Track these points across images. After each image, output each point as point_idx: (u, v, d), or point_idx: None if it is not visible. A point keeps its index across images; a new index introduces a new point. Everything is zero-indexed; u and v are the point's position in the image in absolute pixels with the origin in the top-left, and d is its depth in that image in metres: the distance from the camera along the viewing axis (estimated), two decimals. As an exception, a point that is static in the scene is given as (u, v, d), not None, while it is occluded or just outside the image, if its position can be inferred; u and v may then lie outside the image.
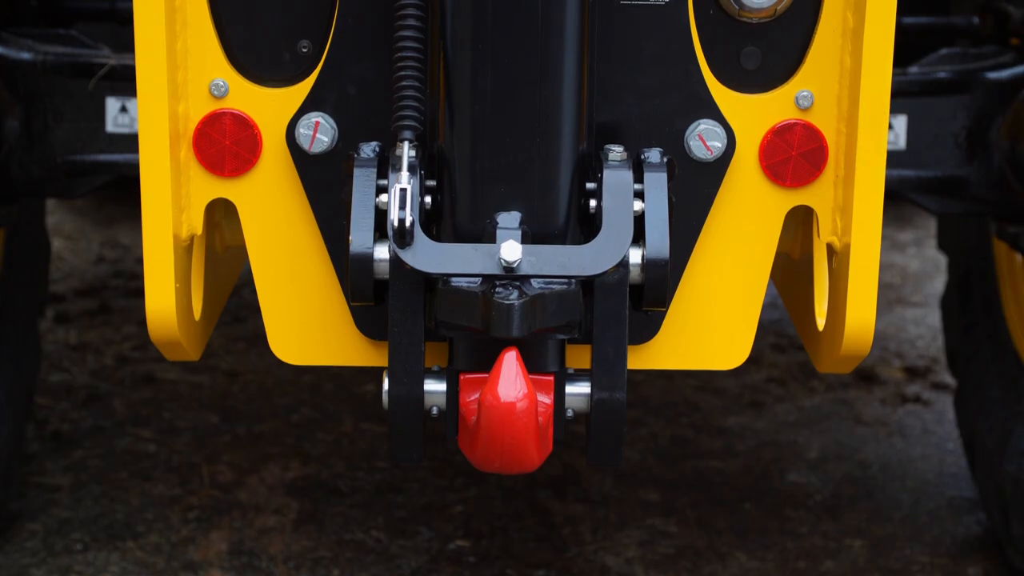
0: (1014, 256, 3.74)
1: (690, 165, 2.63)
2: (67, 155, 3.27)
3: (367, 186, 2.49)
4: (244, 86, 2.62)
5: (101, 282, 5.44)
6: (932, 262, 5.86)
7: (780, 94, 2.63)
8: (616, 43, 2.59)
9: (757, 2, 2.56)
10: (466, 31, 2.45)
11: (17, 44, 3.27)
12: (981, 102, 3.31)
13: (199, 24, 2.59)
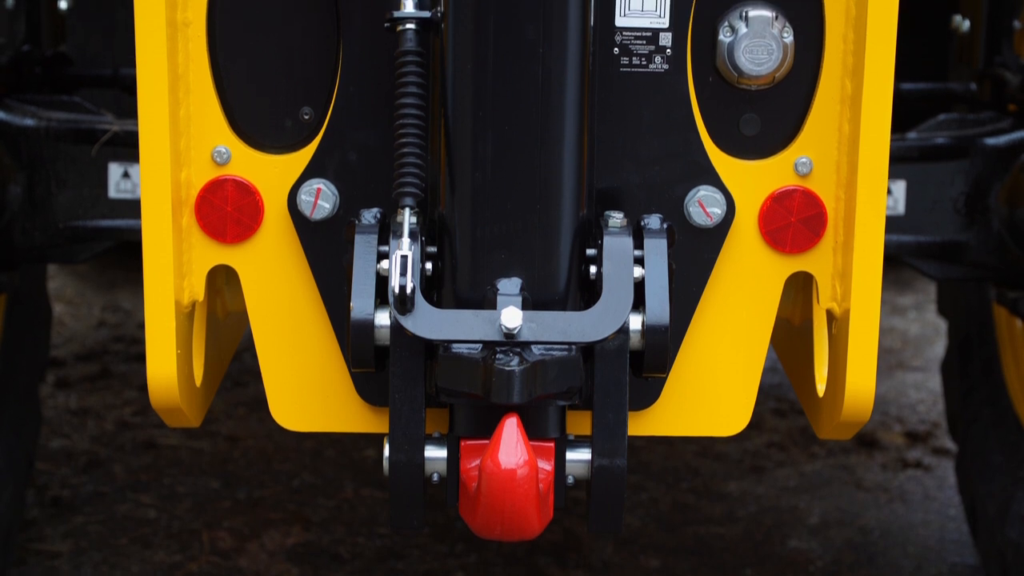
0: (1014, 321, 3.74)
1: (690, 231, 2.64)
2: (69, 221, 3.28)
3: (368, 252, 2.50)
4: (246, 153, 2.64)
5: (102, 347, 5.45)
6: (932, 326, 5.87)
7: (779, 160, 2.64)
8: (616, 110, 2.61)
9: (756, 70, 2.58)
10: (467, 99, 2.46)
11: (21, 111, 3.29)
12: (980, 168, 3.33)
13: (202, 91, 2.61)
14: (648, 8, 2.58)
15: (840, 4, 2.57)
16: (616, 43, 2.59)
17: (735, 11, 2.58)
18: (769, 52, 2.57)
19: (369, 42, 2.59)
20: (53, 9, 3.63)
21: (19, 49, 3.51)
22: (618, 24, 2.58)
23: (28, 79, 3.57)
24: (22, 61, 3.52)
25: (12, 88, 3.45)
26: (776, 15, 2.57)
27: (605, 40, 2.58)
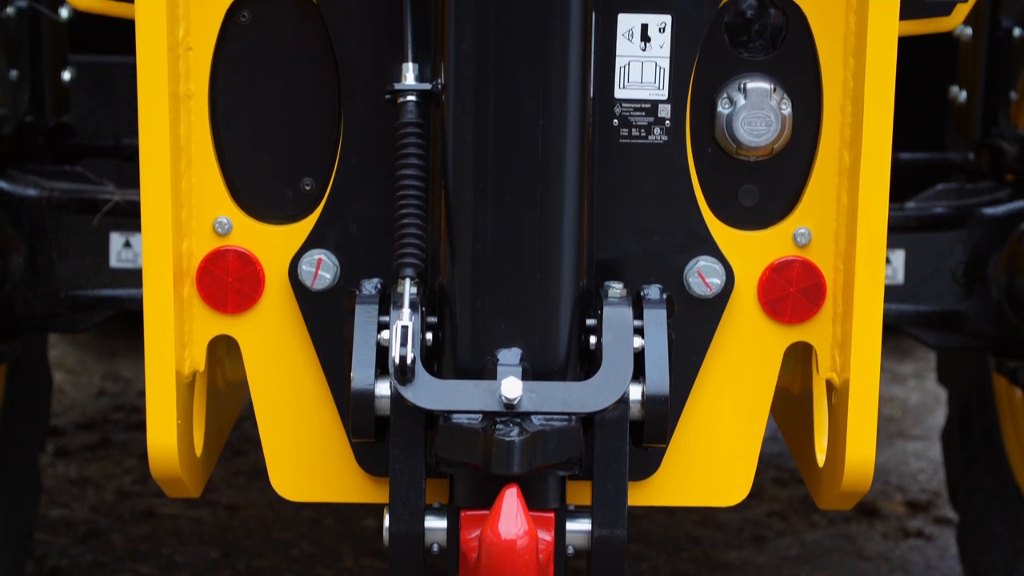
0: (1014, 391, 3.74)
1: (689, 301, 2.65)
2: (71, 290, 3.29)
3: (368, 323, 2.51)
4: (247, 223, 2.65)
5: (102, 415, 5.44)
6: (932, 395, 5.86)
7: (778, 231, 2.65)
8: (615, 180, 2.62)
9: (754, 141, 2.60)
10: (467, 170, 2.48)
11: (24, 181, 3.31)
12: (978, 237, 3.34)
13: (203, 162, 2.63)
14: (647, 80, 2.60)
15: (838, 76, 2.59)
16: (615, 114, 2.60)
17: (733, 83, 2.60)
18: (767, 124, 2.59)
19: (370, 113, 2.60)
20: (56, 80, 3.65)
21: (22, 120, 3.53)
22: (617, 96, 2.59)
23: (31, 149, 3.59)
24: (25, 131, 3.54)
25: (15, 158, 3.47)
26: (774, 87, 2.59)
27: (605, 111, 2.60)
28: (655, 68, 2.59)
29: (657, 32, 2.58)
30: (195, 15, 2.58)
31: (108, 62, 4.05)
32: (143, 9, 2.48)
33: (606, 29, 2.56)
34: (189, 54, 2.58)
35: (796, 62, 2.60)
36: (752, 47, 2.61)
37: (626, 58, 2.59)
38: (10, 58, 3.46)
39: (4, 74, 3.44)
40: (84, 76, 3.95)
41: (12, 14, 3.46)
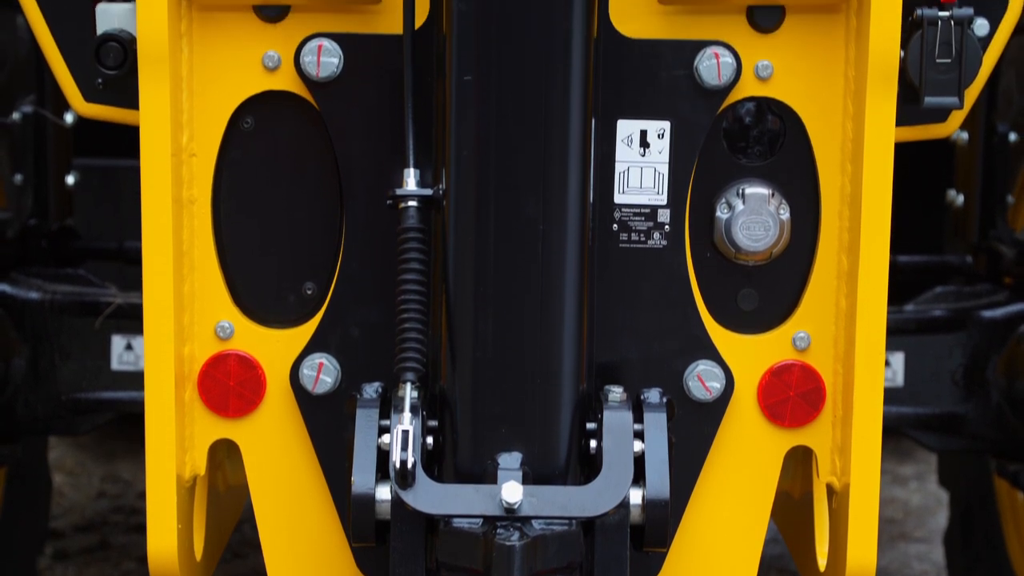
0: (1015, 493, 3.74)
1: (689, 405, 2.65)
2: (72, 393, 3.30)
3: (369, 427, 2.52)
4: (249, 327, 2.66)
5: (101, 518, 5.42)
6: (934, 496, 5.85)
7: (777, 335, 2.66)
8: (615, 285, 2.64)
9: (753, 246, 2.61)
10: (467, 274, 2.49)
11: (27, 284, 3.33)
12: (977, 340, 3.35)
13: (206, 267, 2.64)
14: (647, 185, 2.62)
15: (835, 182, 2.61)
16: (615, 219, 2.63)
17: (732, 188, 2.62)
18: (766, 228, 2.61)
19: (372, 218, 2.63)
20: (61, 184, 3.68)
21: (26, 223, 3.56)
22: (617, 201, 2.62)
23: (34, 252, 3.62)
24: (29, 235, 3.57)
25: (18, 261, 3.49)
26: (772, 192, 2.61)
27: (604, 216, 2.62)
28: (654, 173, 2.62)
29: (656, 138, 2.61)
30: (199, 122, 2.61)
31: (112, 165, 4.09)
32: (148, 116, 2.51)
33: (606, 135, 2.59)
34: (193, 160, 2.61)
35: (794, 168, 2.63)
36: (750, 153, 2.64)
37: (625, 163, 2.61)
38: (15, 162, 3.49)
39: (8, 178, 3.47)
40: (88, 178, 3.99)
41: (18, 119, 3.50)
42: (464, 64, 2.43)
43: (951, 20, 2.51)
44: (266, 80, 2.61)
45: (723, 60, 2.57)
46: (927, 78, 2.51)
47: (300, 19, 2.58)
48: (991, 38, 2.62)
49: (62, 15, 2.61)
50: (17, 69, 3.56)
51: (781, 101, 2.61)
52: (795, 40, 2.58)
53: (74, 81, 2.63)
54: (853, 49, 2.57)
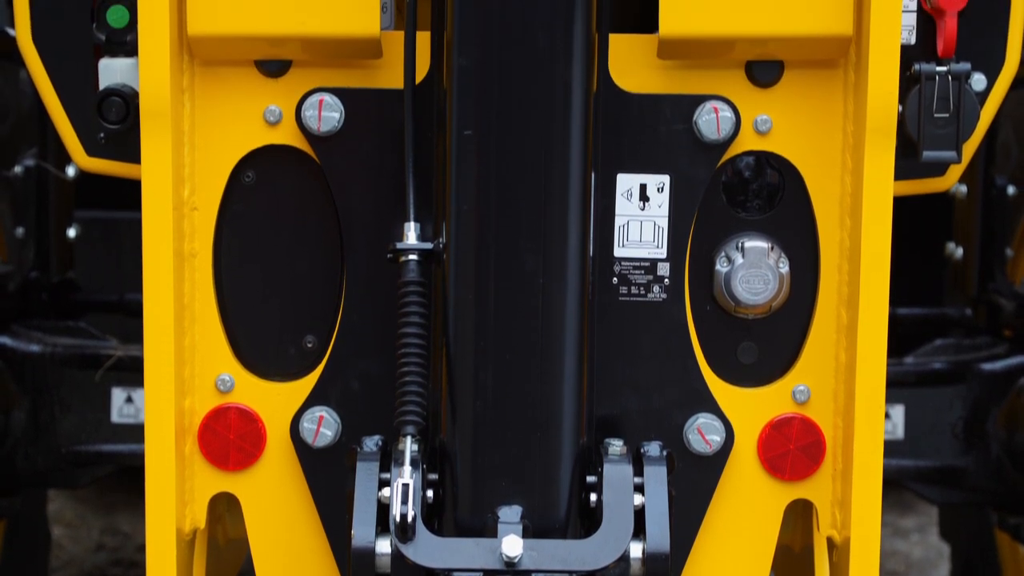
0: (1016, 547, 3.73)
1: (689, 458, 2.65)
2: (72, 446, 3.30)
3: (369, 480, 2.52)
4: (250, 380, 2.67)
5: (100, 571, 5.41)
6: (936, 549, 5.83)
7: (777, 388, 2.67)
8: (615, 338, 2.64)
9: (752, 299, 2.62)
10: (468, 328, 2.50)
11: (27, 337, 3.34)
12: (977, 393, 3.36)
13: (207, 320, 2.65)
14: (646, 239, 2.63)
15: (834, 236, 2.62)
16: (615, 272, 2.63)
17: (731, 242, 2.63)
18: (765, 282, 2.61)
19: (372, 271, 2.63)
20: (62, 237, 3.69)
21: (27, 276, 3.57)
22: (617, 254, 2.62)
23: (35, 305, 3.63)
24: (30, 287, 3.58)
25: (19, 314, 3.50)
26: (772, 246, 2.62)
27: (604, 269, 2.63)
28: (654, 227, 2.63)
29: (656, 192, 2.62)
30: (200, 176, 2.62)
31: (113, 217, 4.10)
32: (149, 170, 2.52)
33: (606, 188, 2.60)
34: (194, 214, 2.62)
35: (793, 221, 2.64)
36: (750, 206, 2.65)
37: (625, 217, 2.62)
38: (16, 215, 3.50)
39: (10, 231, 3.48)
40: (89, 230, 4.00)
41: (20, 172, 3.52)
42: (464, 119, 2.45)
43: (949, 75, 2.52)
44: (267, 134, 2.62)
45: (722, 114, 2.58)
46: (925, 132, 2.52)
47: (301, 74, 2.60)
48: (989, 93, 2.64)
49: (65, 70, 2.62)
50: (20, 122, 3.58)
51: (780, 155, 2.62)
52: (794, 95, 2.60)
53: (76, 135, 2.64)
54: (851, 103, 2.58)
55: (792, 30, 2.51)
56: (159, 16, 2.48)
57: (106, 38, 2.58)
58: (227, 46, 2.55)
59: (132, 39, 2.57)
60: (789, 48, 2.56)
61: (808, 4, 2.50)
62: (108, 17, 2.57)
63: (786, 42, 2.54)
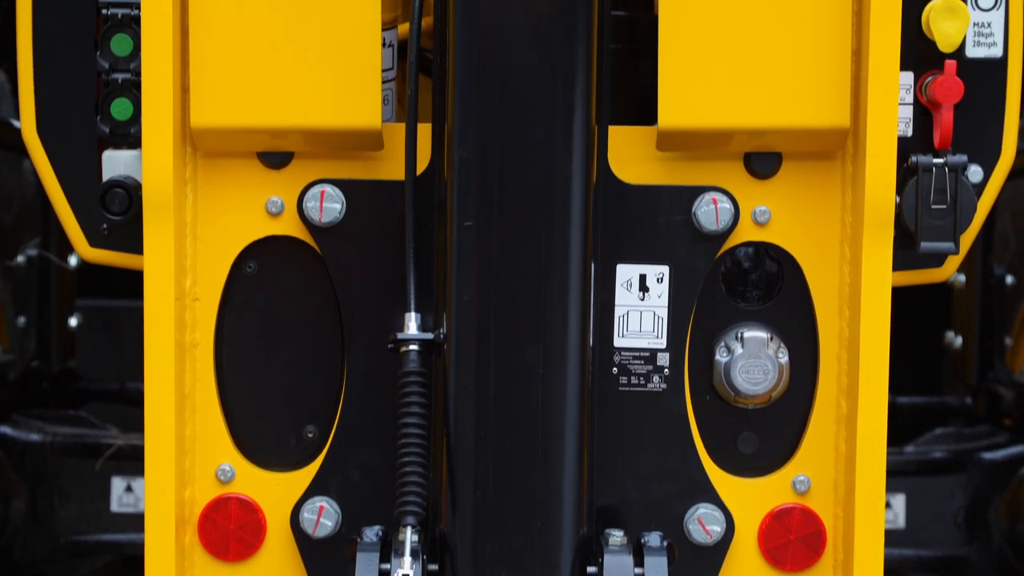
0: (1020, 635, 3.72)
1: (690, 548, 2.65)
2: (71, 535, 3.30)
3: (370, 571, 2.51)
4: (250, 471, 2.67)
5: (98, 660, 5.37)
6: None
7: (777, 478, 2.67)
8: (615, 428, 2.65)
9: (752, 389, 2.63)
10: (468, 418, 2.50)
11: (27, 426, 3.34)
12: (978, 482, 3.35)
13: (208, 410, 2.65)
14: (646, 329, 2.64)
15: (833, 326, 2.63)
16: (615, 362, 2.64)
17: (731, 332, 2.64)
18: (765, 372, 2.62)
19: (373, 361, 2.64)
20: (63, 326, 3.70)
21: (28, 365, 3.57)
22: (617, 344, 2.63)
23: (35, 394, 3.63)
24: (30, 377, 3.59)
25: (19, 403, 3.50)
26: (771, 336, 2.63)
27: (604, 359, 2.63)
28: (654, 317, 2.64)
29: (655, 282, 2.63)
30: (202, 266, 2.63)
31: (114, 306, 4.11)
32: (152, 261, 2.53)
33: (605, 279, 2.61)
34: (196, 304, 2.63)
35: (792, 311, 2.65)
36: (749, 296, 2.66)
37: (625, 307, 2.63)
38: (18, 305, 3.52)
39: (12, 320, 3.49)
40: (90, 319, 4.01)
41: (22, 262, 3.53)
42: (465, 210, 2.46)
43: (946, 167, 2.54)
44: (269, 225, 2.63)
45: (721, 206, 2.60)
46: (923, 224, 2.54)
47: (303, 165, 2.62)
48: (985, 184, 2.65)
49: (69, 162, 2.64)
50: (23, 212, 3.60)
51: (779, 246, 2.63)
52: (792, 186, 2.62)
53: (79, 227, 2.66)
54: (849, 195, 2.60)
55: (790, 122, 2.53)
56: (163, 109, 2.50)
57: (110, 130, 2.61)
58: (230, 138, 2.58)
59: (136, 131, 2.60)
60: (787, 140, 2.58)
61: (806, 97, 2.52)
62: (112, 110, 2.60)
63: (784, 134, 2.56)
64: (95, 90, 2.62)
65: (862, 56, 2.51)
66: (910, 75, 2.60)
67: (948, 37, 2.53)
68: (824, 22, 2.51)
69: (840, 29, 2.51)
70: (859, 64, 2.52)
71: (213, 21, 2.52)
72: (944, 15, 2.52)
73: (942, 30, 2.52)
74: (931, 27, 2.54)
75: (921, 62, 2.60)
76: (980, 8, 2.62)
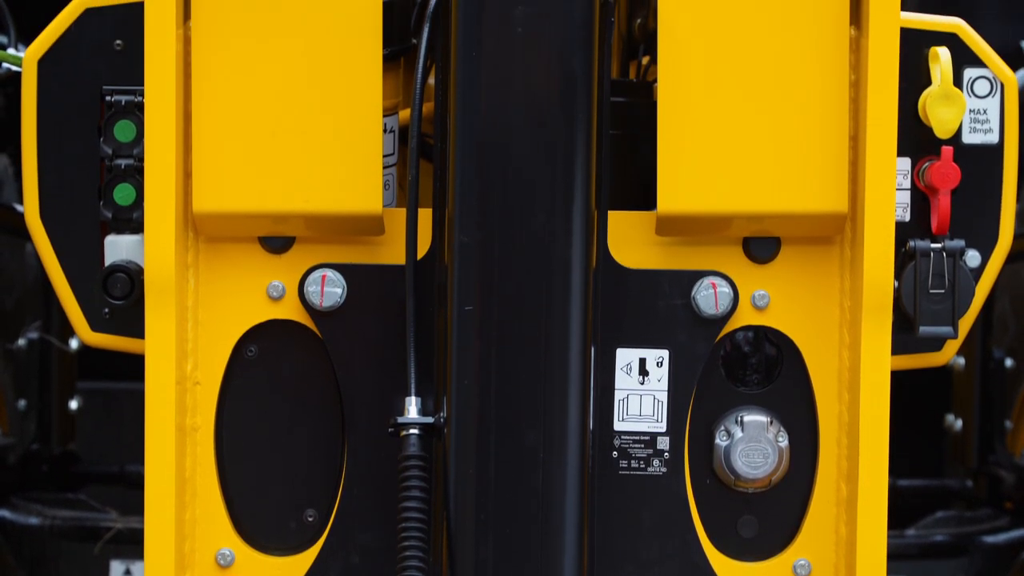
0: None
1: (691, 633, 2.65)
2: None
3: None
4: (249, 555, 2.66)
5: None
6: None
7: (778, 563, 2.66)
8: (615, 511, 2.65)
9: (752, 473, 2.63)
10: (469, 502, 2.50)
11: (26, 509, 3.34)
12: (980, 566, 3.35)
13: (208, 494, 2.65)
14: (646, 413, 2.64)
15: (833, 410, 2.64)
16: (615, 446, 2.64)
17: (731, 416, 2.65)
18: (765, 456, 2.62)
19: (373, 445, 2.64)
20: (64, 409, 3.70)
21: (28, 448, 3.57)
22: (617, 428, 2.64)
23: (35, 477, 3.63)
24: (30, 460, 3.59)
25: (19, 486, 3.50)
26: (771, 420, 2.63)
27: (604, 443, 2.63)
28: (653, 401, 2.64)
29: (655, 366, 2.64)
30: (203, 350, 2.64)
31: (115, 388, 4.11)
32: (153, 346, 2.54)
33: (605, 363, 2.62)
34: (196, 388, 2.64)
35: (792, 395, 2.65)
36: (748, 380, 2.67)
37: (625, 391, 2.64)
38: (18, 388, 3.52)
39: (12, 404, 3.50)
40: (91, 401, 4.01)
41: (23, 345, 3.54)
42: (465, 295, 2.47)
43: (943, 252, 2.56)
44: (270, 309, 2.64)
45: (720, 290, 2.61)
46: (921, 308, 2.55)
47: (304, 250, 2.63)
48: (983, 269, 2.67)
49: (71, 247, 2.66)
50: (25, 296, 3.61)
51: (778, 330, 2.64)
52: (791, 270, 2.63)
53: (81, 311, 2.66)
54: (848, 279, 2.61)
55: (788, 208, 2.55)
56: (165, 194, 2.52)
57: (112, 215, 2.62)
58: (232, 223, 2.59)
59: (138, 216, 2.61)
60: (785, 225, 2.59)
61: (804, 182, 2.54)
62: (115, 195, 2.61)
63: (782, 219, 2.58)
64: (98, 175, 2.64)
65: (860, 142, 2.53)
66: (907, 161, 2.62)
67: (945, 124, 2.55)
68: (822, 109, 2.53)
69: (838, 116, 2.53)
70: (857, 150, 2.54)
71: (216, 107, 2.54)
72: (941, 102, 2.54)
73: (939, 117, 2.55)
74: (928, 114, 2.56)
75: (918, 148, 2.62)
76: (976, 95, 2.64)
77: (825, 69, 2.53)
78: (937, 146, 2.60)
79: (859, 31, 2.54)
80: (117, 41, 2.64)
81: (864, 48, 2.51)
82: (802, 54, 2.53)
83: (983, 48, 2.65)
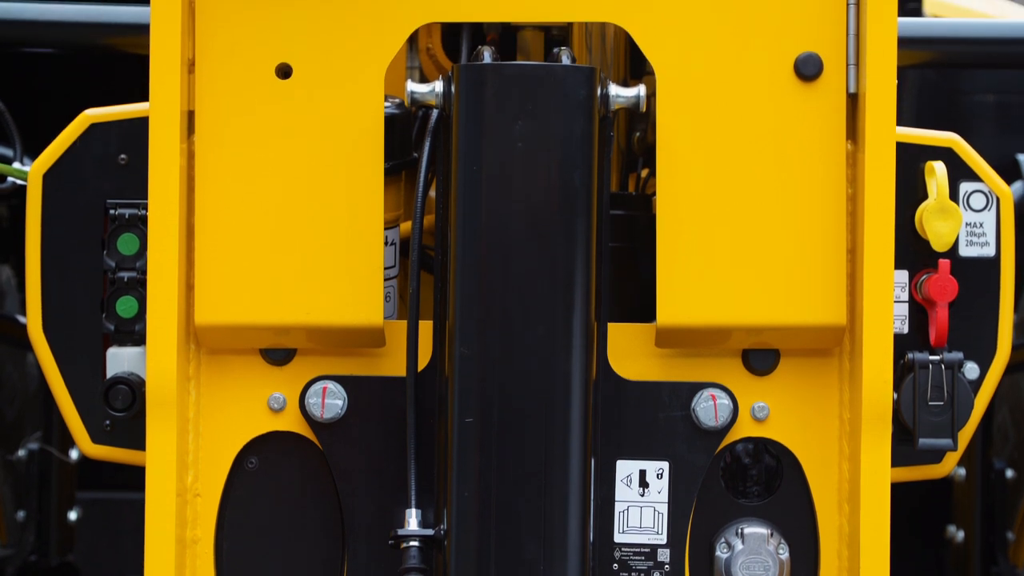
0: None
1: None
2: None
3: None
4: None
5: None
6: None
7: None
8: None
9: (754, 584, 2.63)
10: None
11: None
12: None
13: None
14: (647, 525, 2.64)
15: (833, 521, 2.63)
16: (615, 559, 2.63)
17: (731, 527, 2.64)
18: (765, 568, 2.62)
19: (373, 557, 2.63)
20: (62, 520, 3.69)
21: (26, 559, 3.56)
22: (617, 540, 2.63)
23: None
24: (28, 571, 3.57)
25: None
26: (771, 532, 2.63)
27: (604, 555, 2.63)
28: (654, 513, 2.64)
29: (655, 478, 2.64)
30: (204, 462, 2.64)
31: (115, 498, 4.10)
32: (154, 458, 2.54)
33: (605, 475, 2.62)
34: (197, 500, 2.63)
35: (792, 507, 2.65)
36: (749, 492, 2.67)
37: (625, 503, 2.64)
38: (18, 499, 3.51)
39: (11, 515, 3.49)
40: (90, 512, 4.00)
41: (23, 456, 3.54)
42: (465, 407, 2.48)
43: (942, 364, 2.57)
44: (271, 421, 2.65)
45: (720, 402, 2.62)
46: (920, 420, 2.55)
47: (305, 362, 2.64)
48: (982, 381, 2.68)
49: (73, 359, 2.67)
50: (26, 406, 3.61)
51: (778, 442, 2.64)
52: (790, 382, 2.64)
53: (82, 423, 2.67)
54: (847, 391, 2.62)
55: (787, 320, 2.56)
56: (167, 307, 2.53)
57: (115, 328, 2.63)
58: (233, 335, 2.60)
59: (140, 328, 2.62)
60: (784, 337, 2.60)
61: (802, 295, 2.55)
62: (117, 307, 2.63)
63: (781, 331, 2.59)
64: (100, 288, 2.66)
65: (857, 255, 2.55)
66: (905, 273, 2.64)
67: (941, 237, 2.57)
68: (819, 222, 2.55)
69: (835, 229, 2.55)
70: (855, 263, 2.56)
71: (218, 221, 2.56)
72: (937, 215, 2.56)
73: (935, 230, 2.57)
74: (924, 227, 2.59)
75: (916, 261, 2.64)
76: (972, 209, 2.67)
77: (822, 183, 2.55)
78: (934, 259, 2.62)
79: (856, 145, 2.56)
80: (121, 155, 2.67)
81: (861, 162, 2.53)
82: (800, 168, 2.55)
83: (978, 162, 2.68)
